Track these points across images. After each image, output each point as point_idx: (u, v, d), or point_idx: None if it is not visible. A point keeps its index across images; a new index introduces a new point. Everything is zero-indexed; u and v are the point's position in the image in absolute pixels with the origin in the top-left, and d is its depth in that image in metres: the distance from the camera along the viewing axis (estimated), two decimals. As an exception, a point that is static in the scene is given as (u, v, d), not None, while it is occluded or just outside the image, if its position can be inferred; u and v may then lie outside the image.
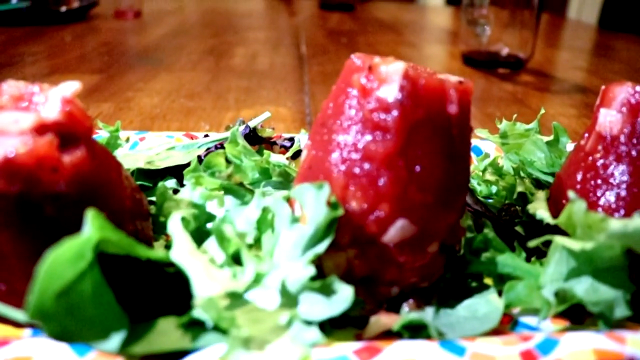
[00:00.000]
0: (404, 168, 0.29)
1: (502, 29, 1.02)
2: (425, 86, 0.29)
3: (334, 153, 0.30)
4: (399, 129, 0.29)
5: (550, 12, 2.11)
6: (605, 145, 0.35)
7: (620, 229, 0.28)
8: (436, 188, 0.30)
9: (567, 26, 1.86)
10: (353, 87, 0.30)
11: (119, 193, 0.32)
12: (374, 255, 0.30)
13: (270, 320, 0.27)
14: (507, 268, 0.33)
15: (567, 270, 0.31)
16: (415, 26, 1.61)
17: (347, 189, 0.30)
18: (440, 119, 0.29)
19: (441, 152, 0.30)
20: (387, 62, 0.30)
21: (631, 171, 0.34)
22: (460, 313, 0.32)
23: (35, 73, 0.86)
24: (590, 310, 0.29)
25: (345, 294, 0.27)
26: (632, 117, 0.35)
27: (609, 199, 0.34)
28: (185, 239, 0.30)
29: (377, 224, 0.30)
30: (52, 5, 1.41)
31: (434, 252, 0.32)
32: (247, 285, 0.28)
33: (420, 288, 0.33)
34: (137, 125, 0.64)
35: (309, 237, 0.29)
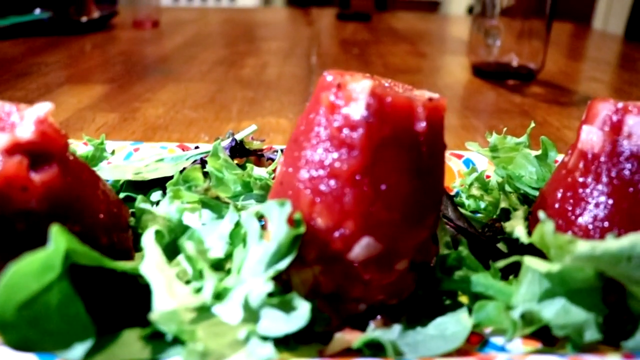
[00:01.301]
0: (369, 185, 0.29)
1: (513, 39, 1.01)
2: (392, 104, 0.29)
3: (302, 170, 0.31)
4: (365, 146, 0.29)
5: (575, 22, 2.08)
6: (586, 163, 0.35)
7: (587, 251, 0.28)
8: (403, 206, 0.30)
9: (591, 37, 1.82)
10: (322, 104, 0.31)
11: (92, 207, 0.33)
12: (339, 272, 0.31)
13: (230, 334, 0.28)
14: (480, 287, 0.33)
15: (539, 291, 0.31)
16: (431, 36, 1.60)
17: (313, 205, 0.30)
18: (407, 137, 0.29)
19: (409, 169, 0.30)
20: (356, 79, 0.30)
21: (610, 191, 0.33)
22: (429, 331, 0.31)
23: (49, 82, 0.89)
24: (556, 333, 0.29)
25: (303, 310, 0.28)
26: (613, 135, 0.34)
27: (586, 219, 0.33)
28: (155, 252, 0.31)
29: (342, 241, 0.30)
30: (73, 15, 1.45)
31: (402, 270, 0.31)
32: (205, 300, 0.28)
33: (389, 305, 0.32)
34: (139, 136, 0.65)
35: (271, 253, 0.29)
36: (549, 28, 1.00)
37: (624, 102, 0.34)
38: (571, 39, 1.76)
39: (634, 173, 0.33)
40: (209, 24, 1.68)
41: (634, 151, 0.33)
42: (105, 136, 0.65)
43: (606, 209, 0.33)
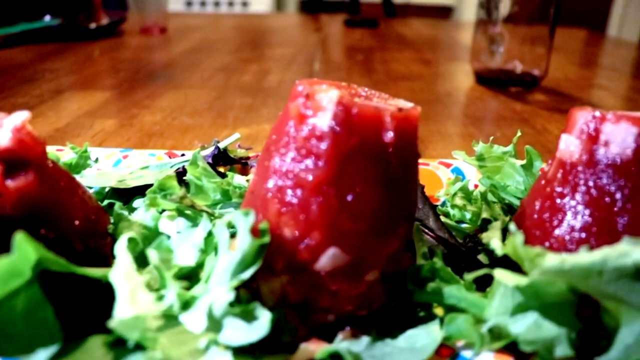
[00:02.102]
0: (335, 196, 0.29)
1: (516, 46, 1.00)
2: (359, 114, 0.29)
3: (270, 179, 0.31)
4: (331, 157, 0.29)
5: (589, 29, 2.05)
6: (564, 173, 0.34)
7: (556, 265, 0.27)
8: (370, 217, 0.30)
9: (604, 44, 1.80)
10: (290, 114, 0.31)
11: (68, 214, 0.34)
12: (306, 283, 0.30)
13: (192, 343, 0.28)
14: (452, 299, 0.32)
15: (512, 305, 0.30)
16: (437, 43, 1.60)
17: (280, 215, 0.30)
18: (375, 147, 0.29)
19: (377, 180, 0.29)
20: (324, 89, 0.30)
21: (587, 202, 0.33)
22: (399, 343, 0.31)
23: (52, 89, 0.90)
24: (523, 349, 0.28)
25: (264, 320, 0.27)
26: (590, 144, 0.33)
27: (563, 230, 0.33)
28: (125, 260, 0.31)
29: (308, 251, 0.30)
30: (82, 22, 1.47)
31: (372, 281, 0.31)
32: (166, 308, 0.28)
33: (359, 316, 0.32)
34: (135, 142, 0.66)
35: (236, 263, 0.29)
36: (553, 34, 0.99)
37: (601, 111, 0.34)
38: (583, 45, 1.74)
39: (611, 183, 0.32)
40: (217, 31, 1.69)
41: (611, 160, 0.32)
42: (101, 142, 0.66)
43: (583, 220, 0.32)
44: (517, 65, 1.02)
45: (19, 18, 1.41)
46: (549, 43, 0.99)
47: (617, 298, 0.28)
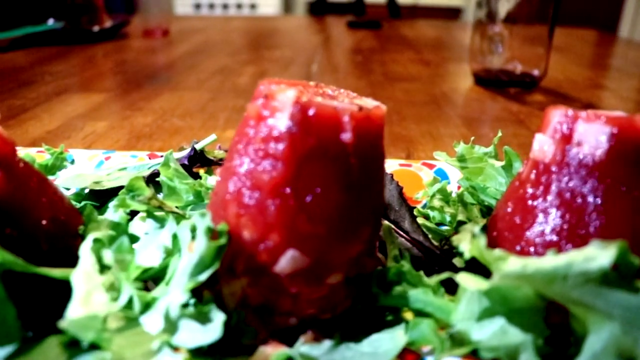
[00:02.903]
0: (293, 198, 0.29)
1: (514, 47, 0.99)
2: (317, 114, 0.28)
3: (230, 181, 0.30)
4: (288, 158, 0.28)
5: (600, 30, 2.03)
6: (538, 173, 0.33)
7: (517, 269, 0.26)
8: (330, 219, 0.29)
9: (613, 45, 1.77)
10: (250, 115, 0.30)
11: (35, 214, 0.34)
12: (266, 285, 0.30)
13: (147, 344, 0.27)
14: (419, 303, 0.32)
15: (479, 310, 0.30)
16: (439, 44, 1.58)
17: (239, 217, 0.30)
18: (333, 148, 0.29)
19: (336, 182, 0.29)
20: (282, 90, 0.29)
21: (558, 203, 0.32)
22: (362, 348, 0.31)
23: (49, 91, 0.91)
24: (484, 356, 0.27)
25: (217, 322, 0.27)
26: (562, 144, 0.32)
27: (533, 233, 0.32)
28: (87, 260, 0.31)
29: (267, 253, 0.29)
30: (86, 25, 1.48)
31: (334, 284, 0.31)
32: (118, 309, 0.28)
33: (323, 320, 0.32)
34: (123, 144, 0.66)
35: (193, 265, 0.29)
36: (552, 35, 0.98)
37: (575, 110, 0.33)
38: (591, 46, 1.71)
39: (583, 184, 0.31)
40: (219, 33, 1.70)
41: (583, 161, 0.31)
42: (90, 144, 0.67)
43: (554, 222, 0.31)
44: (516, 66, 1.00)
45: (24, 21, 1.42)
46: (548, 43, 0.98)
47: (584, 304, 0.27)
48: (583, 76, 1.17)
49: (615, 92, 1.04)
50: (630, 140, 0.31)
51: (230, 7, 4.15)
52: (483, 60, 1.02)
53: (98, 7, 1.52)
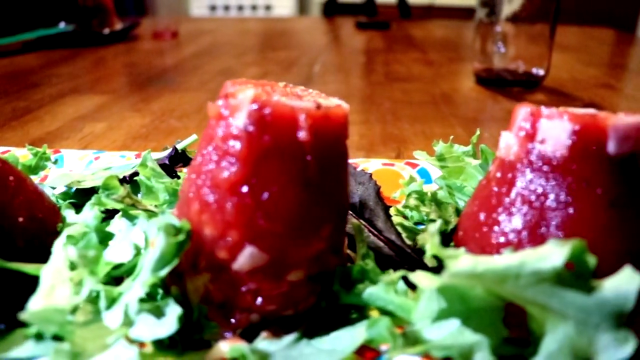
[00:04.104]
0: (250, 196, 0.29)
1: (516, 46, 0.98)
2: (273, 113, 0.29)
3: (193, 179, 0.31)
4: (245, 156, 0.29)
5: (618, 29, 1.99)
6: (503, 172, 0.33)
7: (468, 268, 0.26)
8: (287, 217, 0.29)
9: (631, 44, 1.74)
10: (211, 114, 0.31)
11: (10, 212, 0.35)
12: (226, 281, 0.31)
13: (105, 337, 0.28)
14: (380, 301, 0.32)
15: (437, 308, 0.30)
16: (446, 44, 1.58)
17: (200, 214, 0.30)
18: (289, 147, 0.29)
19: (293, 180, 0.29)
20: (241, 89, 0.30)
21: (521, 202, 0.32)
22: (322, 345, 0.31)
23: (54, 93, 0.93)
24: (434, 354, 0.27)
25: (172, 317, 0.28)
26: (526, 142, 0.32)
27: (496, 232, 0.32)
28: (59, 256, 0.32)
29: (227, 250, 0.30)
30: (96, 27, 1.51)
31: (295, 281, 0.31)
32: (77, 302, 0.29)
33: (286, 316, 0.32)
34: (119, 145, 0.68)
35: (154, 260, 0.29)
36: (553, 33, 0.97)
37: (539, 107, 0.33)
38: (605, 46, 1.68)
39: (546, 183, 0.31)
40: (228, 34, 1.71)
41: (546, 158, 0.31)
42: (86, 145, 0.68)
43: (516, 221, 0.31)
44: (517, 65, 1.00)
45: (36, 25, 1.46)
46: (549, 42, 0.97)
47: (538, 303, 0.27)
48: (589, 75, 1.15)
49: (620, 91, 1.02)
50: (592, 138, 0.31)
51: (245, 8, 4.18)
52: (485, 60, 1.01)
53: (109, 9, 1.55)
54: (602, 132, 0.31)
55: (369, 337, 0.30)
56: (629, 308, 0.25)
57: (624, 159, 0.31)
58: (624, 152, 0.31)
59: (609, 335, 0.25)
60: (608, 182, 0.30)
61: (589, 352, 0.25)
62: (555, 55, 0.98)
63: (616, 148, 0.31)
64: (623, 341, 0.25)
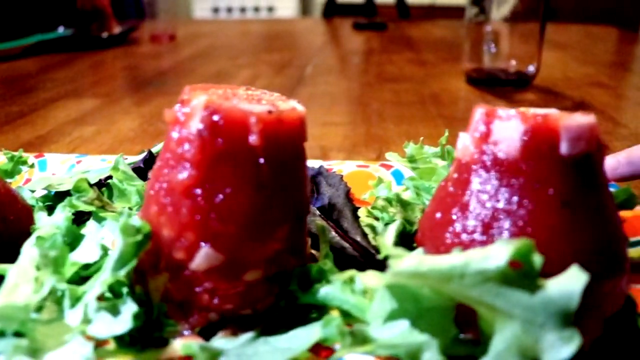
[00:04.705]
0: (204, 199, 0.30)
1: (506, 45, 0.98)
2: (225, 118, 0.30)
3: (153, 182, 0.32)
4: (199, 160, 0.30)
5: (621, 28, 1.98)
6: (460, 172, 0.34)
7: (411, 267, 0.27)
8: (240, 218, 0.30)
9: (633, 43, 1.73)
10: (168, 119, 0.32)
11: (-20, 215, 0.36)
12: (185, 281, 0.31)
13: (64, 334, 0.29)
14: (337, 301, 0.33)
15: (391, 308, 0.30)
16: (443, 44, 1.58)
17: (159, 216, 0.31)
18: (242, 151, 0.30)
19: (245, 183, 0.30)
20: (195, 95, 0.31)
21: (475, 203, 0.32)
22: (279, 343, 0.32)
23: (47, 98, 0.95)
24: (379, 353, 0.28)
25: (127, 315, 0.29)
26: (480, 143, 0.33)
27: (450, 232, 0.32)
28: (25, 257, 0.33)
29: (184, 251, 0.31)
30: (95, 31, 1.53)
31: (252, 281, 0.32)
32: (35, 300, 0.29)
33: (245, 316, 0.33)
34: (106, 148, 0.69)
35: (114, 260, 0.30)
36: (543, 32, 0.97)
37: (493, 107, 0.33)
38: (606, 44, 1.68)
39: (498, 183, 0.32)
40: (225, 37, 1.73)
41: (499, 159, 0.32)
42: (74, 149, 0.69)
43: (469, 221, 0.32)
44: (508, 65, 1.00)
45: (35, 30, 1.48)
46: (539, 40, 0.97)
47: (484, 303, 0.27)
48: (583, 74, 1.15)
49: (612, 90, 1.02)
50: (544, 139, 0.31)
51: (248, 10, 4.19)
52: (475, 60, 1.01)
53: (107, 14, 1.57)
54: (554, 133, 0.31)
55: (323, 336, 0.31)
56: (573, 307, 0.25)
57: (578, 160, 0.31)
58: (577, 152, 0.31)
59: (555, 334, 0.25)
60: (560, 182, 0.30)
61: (536, 351, 0.25)
62: (550, 54, 0.98)
63: (569, 149, 0.31)
64: (568, 340, 0.25)
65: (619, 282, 0.31)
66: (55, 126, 0.78)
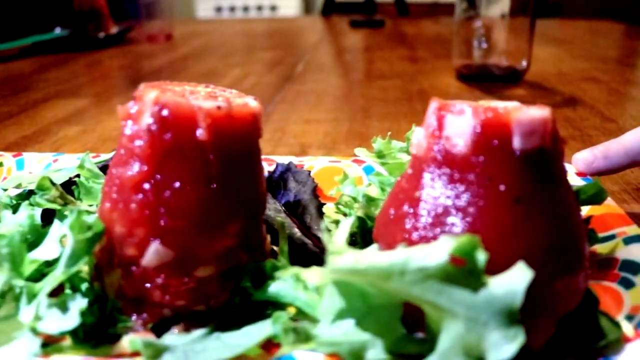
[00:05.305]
0: (153, 194, 0.30)
1: (495, 41, 0.97)
2: (173, 112, 0.30)
3: (107, 178, 0.32)
4: (148, 155, 0.30)
5: (629, 24, 1.95)
6: (413, 167, 0.33)
7: (349, 264, 0.26)
8: (189, 214, 0.30)
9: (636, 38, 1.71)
10: (121, 116, 0.32)
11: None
12: (137, 277, 0.32)
13: (15, 331, 0.29)
14: (288, 298, 0.33)
15: (340, 305, 0.30)
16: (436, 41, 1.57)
17: (112, 213, 0.31)
18: (190, 146, 0.30)
19: (194, 178, 0.30)
20: (146, 91, 0.31)
21: (425, 199, 0.31)
22: (230, 339, 0.32)
23: (38, 98, 0.96)
24: (320, 351, 0.28)
25: (74, 311, 0.29)
26: (433, 137, 0.32)
27: (400, 228, 0.32)
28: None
29: (135, 247, 0.31)
30: (92, 32, 1.54)
31: (204, 277, 0.32)
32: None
33: (200, 312, 0.33)
34: (89, 147, 0.69)
35: (67, 257, 0.30)
36: (533, 27, 0.96)
37: (447, 101, 0.33)
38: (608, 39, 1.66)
39: (449, 179, 0.31)
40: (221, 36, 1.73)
41: (450, 154, 0.31)
42: (58, 148, 0.70)
43: (419, 217, 0.31)
44: (498, 61, 0.99)
45: (32, 30, 1.49)
46: (529, 35, 0.96)
47: (427, 301, 0.26)
48: (576, 69, 1.14)
49: (604, 84, 1.01)
50: (495, 133, 0.30)
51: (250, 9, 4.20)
52: (465, 56, 1.01)
53: (104, 14, 1.58)
54: (505, 127, 0.30)
55: (272, 333, 0.31)
56: (517, 305, 0.25)
57: (531, 155, 0.30)
58: (530, 147, 0.30)
59: (498, 333, 0.25)
60: (512, 178, 0.30)
61: (480, 350, 0.25)
62: (546, 49, 0.98)
63: (521, 144, 0.30)
64: (512, 338, 0.25)
65: (574, 280, 0.30)
66: (41, 126, 0.79)
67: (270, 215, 0.41)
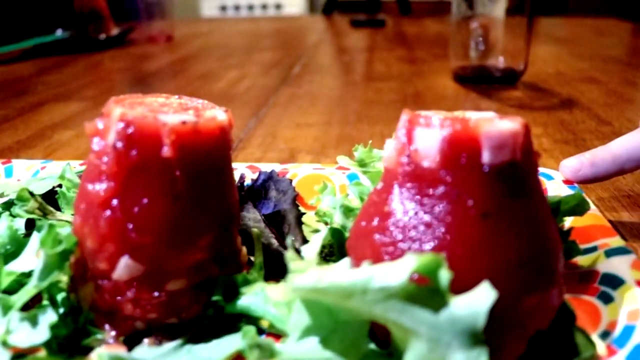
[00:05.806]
0: (121, 210, 0.30)
1: (492, 41, 0.97)
2: (138, 130, 0.30)
3: (78, 194, 0.33)
4: (114, 172, 0.30)
5: (635, 22, 1.93)
6: (384, 180, 0.33)
7: (310, 282, 0.26)
8: (158, 229, 0.31)
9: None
10: (88, 132, 0.32)
11: None
12: (109, 290, 0.32)
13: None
14: (258, 312, 0.33)
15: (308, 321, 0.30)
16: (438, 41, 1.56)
17: (83, 228, 0.32)
18: (155, 162, 0.30)
19: (161, 194, 0.31)
20: (113, 107, 0.31)
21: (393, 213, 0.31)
22: (202, 352, 0.32)
23: (35, 101, 0.96)
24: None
25: (44, 325, 0.29)
26: (403, 149, 0.32)
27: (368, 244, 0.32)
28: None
29: (106, 261, 0.31)
30: (92, 33, 1.55)
31: (176, 290, 0.32)
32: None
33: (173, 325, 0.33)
34: (81, 152, 0.70)
35: (39, 270, 0.31)
36: (531, 27, 0.95)
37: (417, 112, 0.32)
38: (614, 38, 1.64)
39: (416, 192, 0.31)
40: (222, 36, 1.73)
41: (419, 168, 0.30)
42: (50, 153, 0.70)
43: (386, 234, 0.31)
44: (495, 62, 0.99)
45: (33, 33, 1.50)
46: (527, 36, 0.96)
47: (389, 320, 0.26)
48: (575, 69, 1.13)
49: (603, 85, 1.00)
50: (463, 147, 0.29)
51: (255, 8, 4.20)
52: (462, 57, 1.00)
53: (104, 15, 1.59)
54: (474, 141, 0.30)
55: (242, 347, 0.31)
56: (480, 325, 0.24)
57: (501, 169, 0.30)
58: (500, 162, 0.30)
59: (462, 353, 0.24)
60: (481, 193, 0.29)
61: None
62: (546, 49, 0.97)
63: (491, 158, 0.29)
64: (475, 359, 0.24)
65: (546, 297, 0.29)
66: (36, 130, 0.80)
67: (250, 225, 0.41)
